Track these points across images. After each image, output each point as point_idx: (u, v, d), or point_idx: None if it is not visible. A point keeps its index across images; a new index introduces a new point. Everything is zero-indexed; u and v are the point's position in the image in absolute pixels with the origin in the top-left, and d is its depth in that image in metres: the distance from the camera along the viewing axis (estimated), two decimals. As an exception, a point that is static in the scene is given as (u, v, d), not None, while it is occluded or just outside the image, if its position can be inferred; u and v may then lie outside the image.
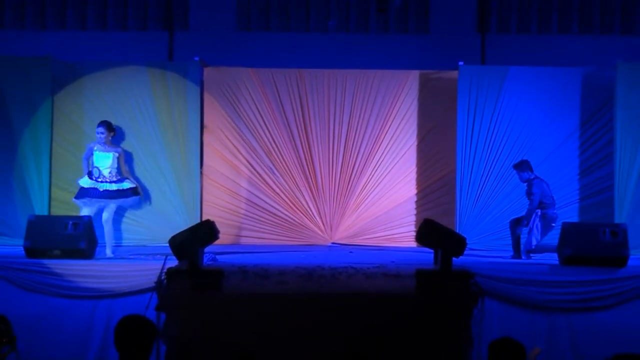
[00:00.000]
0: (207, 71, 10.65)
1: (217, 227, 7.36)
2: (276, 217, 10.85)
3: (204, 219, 9.16)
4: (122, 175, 8.97)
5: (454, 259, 6.98)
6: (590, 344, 7.57)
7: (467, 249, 7.20)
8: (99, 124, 9.12)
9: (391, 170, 10.84)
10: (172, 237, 7.12)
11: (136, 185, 9.05)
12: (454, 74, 10.33)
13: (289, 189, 10.84)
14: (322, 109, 10.82)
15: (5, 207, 9.72)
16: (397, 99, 10.78)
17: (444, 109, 10.65)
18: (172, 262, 7.20)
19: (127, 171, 9.12)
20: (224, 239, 9.27)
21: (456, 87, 10.21)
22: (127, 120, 10.01)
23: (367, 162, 10.84)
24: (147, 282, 7.37)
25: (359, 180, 10.86)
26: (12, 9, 11.67)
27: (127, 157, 9.43)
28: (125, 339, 4.32)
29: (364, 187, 10.87)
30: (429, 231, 7.22)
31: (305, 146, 10.82)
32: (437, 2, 11.69)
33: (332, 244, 10.84)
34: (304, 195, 10.85)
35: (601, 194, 10.03)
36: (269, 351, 6.25)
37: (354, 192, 10.87)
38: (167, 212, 9.98)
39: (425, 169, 10.81)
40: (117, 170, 8.95)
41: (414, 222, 10.68)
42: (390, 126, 10.80)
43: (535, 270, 7.92)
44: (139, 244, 9.77)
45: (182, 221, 9.64)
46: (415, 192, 10.84)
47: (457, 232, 9.15)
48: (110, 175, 8.89)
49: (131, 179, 9.10)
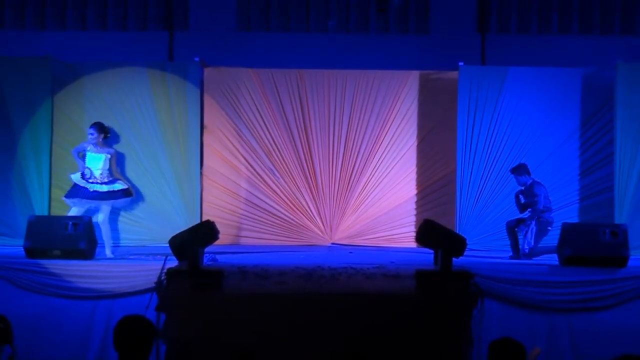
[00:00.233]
0: (207, 71, 10.65)
1: (217, 227, 7.35)
2: (276, 217, 10.85)
3: (204, 219, 9.17)
4: (113, 176, 8.98)
5: (453, 259, 6.98)
6: (590, 344, 7.56)
7: (467, 249, 7.19)
8: (91, 125, 9.14)
9: (391, 170, 10.83)
10: (172, 238, 7.11)
11: (128, 186, 9.05)
12: (454, 74, 10.33)
13: (288, 189, 10.83)
14: (322, 109, 10.81)
15: (5, 207, 9.73)
16: (397, 100, 10.78)
17: (444, 109, 10.65)
18: (172, 263, 7.20)
19: (118, 172, 9.11)
20: (223, 239, 9.26)
21: (456, 87, 10.21)
22: (127, 120, 10.01)
23: (367, 163, 10.83)
24: (147, 282, 7.36)
25: (359, 180, 10.86)
26: (12, 9, 11.66)
27: (120, 158, 9.41)
28: (124, 339, 4.32)
29: (364, 188, 10.87)
30: (428, 231, 7.22)
31: (305, 146, 10.81)
32: (437, 2, 11.69)
33: (332, 244, 10.83)
34: (303, 195, 10.84)
35: (601, 195, 10.03)
36: (269, 351, 6.25)
37: (354, 193, 10.87)
38: (167, 213, 9.98)
39: (425, 170, 10.81)
40: (108, 171, 8.96)
41: (414, 223, 10.68)
42: (390, 126, 10.79)
43: (535, 270, 7.92)
44: (139, 244, 9.77)
45: (182, 221, 9.65)
46: (415, 192, 10.83)
47: (457, 232, 9.16)
48: (101, 176, 8.90)
49: (123, 179, 9.09)
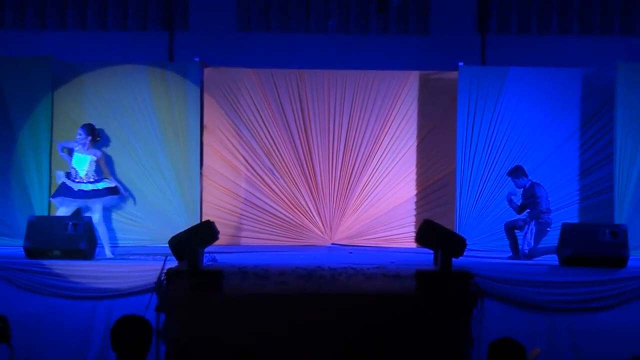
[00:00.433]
0: (207, 71, 10.65)
1: (217, 227, 7.36)
2: (276, 217, 10.84)
3: (204, 219, 9.18)
4: (101, 176, 8.99)
5: (453, 259, 6.98)
6: (590, 344, 7.56)
7: (466, 249, 7.19)
8: (82, 126, 9.16)
9: (391, 170, 10.83)
10: (172, 238, 7.11)
11: (115, 185, 9.04)
12: (454, 75, 10.33)
13: (288, 189, 10.83)
14: (322, 109, 10.81)
15: (5, 207, 9.72)
16: (397, 100, 10.78)
17: (444, 110, 10.64)
18: (172, 263, 7.20)
19: (108, 172, 9.11)
20: (223, 239, 9.27)
21: (456, 87, 10.20)
22: (126, 119, 10.01)
23: (367, 163, 10.83)
24: (147, 282, 7.37)
25: (359, 180, 10.86)
26: (12, 9, 11.65)
27: (108, 160, 9.40)
28: (121, 339, 4.31)
29: (364, 188, 10.86)
30: (428, 232, 7.22)
31: (305, 147, 10.81)
32: (437, 2, 11.68)
33: (332, 244, 10.83)
34: (303, 195, 10.84)
35: (601, 195, 10.03)
36: (269, 351, 6.25)
37: (354, 193, 10.86)
38: (167, 213, 9.98)
39: (425, 170, 10.80)
40: (94, 172, 8.98)
41: (414, 223, 10.67)
42: (390, 127, 10.79)
43: (535, 270, 7.92)
44: (139, 245, 9.77)
45: (182, 221, 9.65)
46: (415, 192, 10.83)
47: (457, 232, 9.16)
48: (86, 176, 8.93)
49: (110, 179, 9.08)
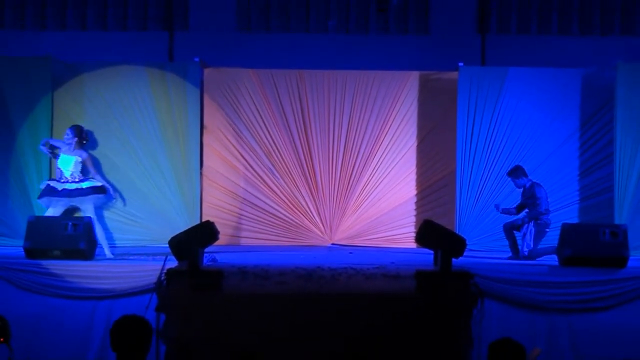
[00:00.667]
0: (207, 72, 10.65)
1: (217, 227, 7.35)
2: (276, 218, 10.84)
3: (204, 219, 9.18)
4: (87, 177, 9.01)
5: (453, 259, 6.98)
6: (590, 344, 7.56)
7: (466, 249, 7.18)
8: (69, 127, 9.17)
9: (391, 171, 10.83)
10: (172, 238, 7.10)
11: (101, 185, 9.03)
12: (454, 75, 10.33)
13: (288, 189, 10.83)
14: (322, 109, 10.81)
15: (5, 207, 9.72)
16: (397, 100, 10.78)
17: (444, 110, 10.64)
18: (172, 263, 7.20)
19: (95, 173, 9.11)
20: (223, 239, 9.26)
21: (456, 87, 10.21)
22: (126, 119, 10.01)
23: (367, 163, 10.83)
24: (147, 282, 7.36)
25: (359, 181, 10.86)
26: (12, 9, 11.66)
27: (95, 161, 9.38)
28: (121, 339, 4.31)
29: (364, 188, 10.86)
30: (428, 232, 7.21)
31: (305, 147, 10.81)
32: (437, 2, 11.69)
33: (332, 244, 10.83)
34: (303, 196, 10.84)
35: (601, 195, 10.03)
36: (269, 351, 6.24)
37: (354, 193, 10.87)
38: (167, 213, 9.98)
39: (425, 170, 10.80)
40: (80, 173, 9.00)
41: (414, 223, 10.68)
42: (390, 127, 10.79)
43: (535, 271, 7.92)
44: (139, 245, 9.77)
45: (182, 222, 9.65)
46: (415, 192, 10.83)
47: (457, 233, 9.16)
48: (72, 176, 8.97)
49: (97, 179, 9.06)
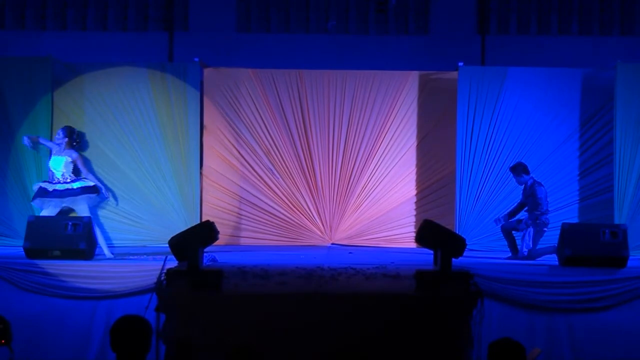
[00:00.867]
0: (207, 72, 10.65)
1: (217, 227, 7.35)
2: (276, 217, 10.84)
3: (204, 219, 9.18)
4: (79, 177, 9.01)
5: (453, 259, 6.98)
6: (590, 344, 7.56)
7: (466, 249, 7.18)
8: (61, 128, 9.20)
9: (391, 171, 10.83)
10: (172, 238, 7.11)
11: (93, 185, 9.03)
12: (453, 75, 10.33)
13: (288, 189, 10.83)
14: (322, 110, 10.81)
15: (4, 207, 9.72)
16: (397, 100, 10.78)
17: (444, 110, 10.64)
18: (172, 263, 7.20)
19: (86, 173, 9.12)
20: (223, 239, 9.28)
21: (456, 88, 10.20)
22: (126, 120, 10.01)
23: (366, 163, 10.83)
24: (147, 282, 7.37)
25: (359, 181, 10.86)
26: (13, 9, 11.68)
27: (86, 161, 9.38)
28: (121, 339, 4.30)
29: (364, 188, 10.86)
30: (428, 232, 7.21)
31: (305, 147, 10.81)
32: (436, 3, 11.70)
33: (332, 244, 10.83)
34: (303, 196, 10.84)
35: (601, 195, 10.03)
36: (269, 351, 6.24)
37: (354, 193, 10.87)
38: (167, 213, 9.98)
39: (425, 170, 10.80)
40: (71, 174, 9.01)
41: (414, 223, 10.68)
42: (389, 127, 10.79)
43: (535, 270, 7.92)
44: (139, 245, 9.77)
45: (182, 222, 9.65)
46: (414, 192, 10.83)
47: (457, 232, 9.16)
48: (63, 177, 8.98)
49: (90, 178, 9.07)
